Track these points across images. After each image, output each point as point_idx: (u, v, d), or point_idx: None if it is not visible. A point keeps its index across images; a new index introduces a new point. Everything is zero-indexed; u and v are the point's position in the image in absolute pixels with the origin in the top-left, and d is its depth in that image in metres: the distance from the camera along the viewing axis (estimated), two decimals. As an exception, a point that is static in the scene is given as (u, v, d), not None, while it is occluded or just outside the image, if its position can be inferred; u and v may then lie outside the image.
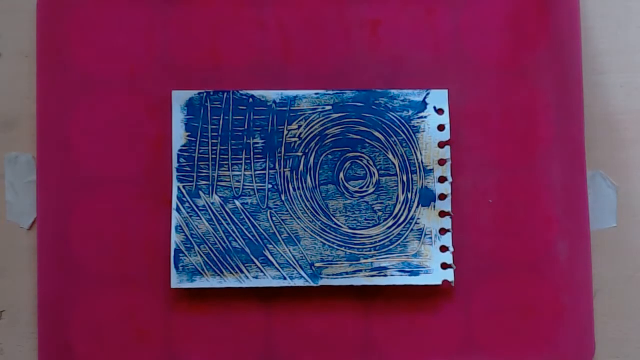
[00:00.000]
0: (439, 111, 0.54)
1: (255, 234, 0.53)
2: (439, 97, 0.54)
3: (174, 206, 0.53)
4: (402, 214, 0.53)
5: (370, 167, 0.54)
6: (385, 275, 0.53)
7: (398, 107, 0.54)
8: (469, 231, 0.54)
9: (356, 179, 0.54)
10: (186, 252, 0.53)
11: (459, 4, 0.55)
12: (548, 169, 0.54)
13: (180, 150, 0.53)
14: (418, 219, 0.53)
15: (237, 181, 0.53)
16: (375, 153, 0.54)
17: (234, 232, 0.53)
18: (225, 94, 0.54)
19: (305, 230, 0.53)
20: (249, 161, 0.54)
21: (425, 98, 0.54)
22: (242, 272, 0.53)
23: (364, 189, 0.54)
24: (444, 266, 0.53)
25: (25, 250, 0.55)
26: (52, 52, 0.54)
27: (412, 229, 0.53)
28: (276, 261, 0.53)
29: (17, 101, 0.55)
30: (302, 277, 0.53)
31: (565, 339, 0.54)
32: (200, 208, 0.53)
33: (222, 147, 0.53)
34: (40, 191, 0.54)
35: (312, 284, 0.53)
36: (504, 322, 0.54)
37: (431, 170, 0.53)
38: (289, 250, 0.53)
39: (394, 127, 0.54)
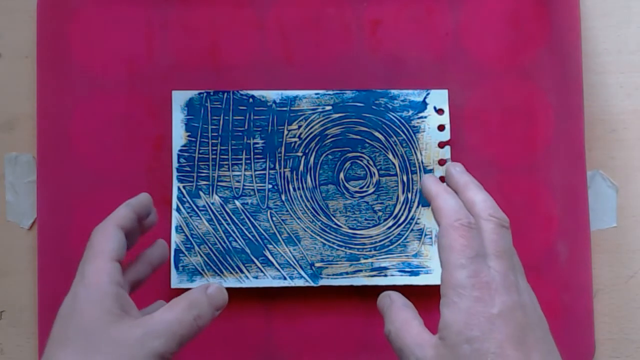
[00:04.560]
0: (439, 111, 0.54)
1: (255, 234, 0.53)
2: (439, 97, 0.54)
3: (174, 206, 0.53)
4: (402, 214, 0.53)
5: (370, 167, 0.54)
6: (385, 275, 0.53)
7: (398, 107, 0.54)
8: (469, 231, 0.54)
9: (356, 179, 0.54)
10: (186, 252, 0.53)
11: (458, 4, 0.55)
12: (548, 169, 0.54)
13: (180, 150, 0.53)
14: (418, 219, 0.53)
15: (237, 181, 0.53)
16: (375, 153, 0.54)
17: (234, 232, 0.53)
18: (225, 94, 0.54)
19: (305, 230, 0.53)
20: (249, 161, 0.54)
21: (425, 98, 0.54)
22: (242, 272, 0.53)
23: (364, 189, 0.54)
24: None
25: (25, 250, 0.55)
26: (52, 52, 0.54)
27: (412, 229, 0.53)
28: (276, 261, 0.53)
29: (17, 101, 0.55)
30: (302, 277, 0.53)
31: (565, 339, 0.54)
32: (200, 208, 0.53)
33: (222, 147, 0.53)
34: (40, 191, 0.54)
35: (312, 284, 0.53)
36: (504, 322, 0.53)
37: (431, 170, 0.53)
38: (289, 250, 0.53)
39: (394, 127, 0.54)
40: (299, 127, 0.54)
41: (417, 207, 0.53)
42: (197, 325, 0.38)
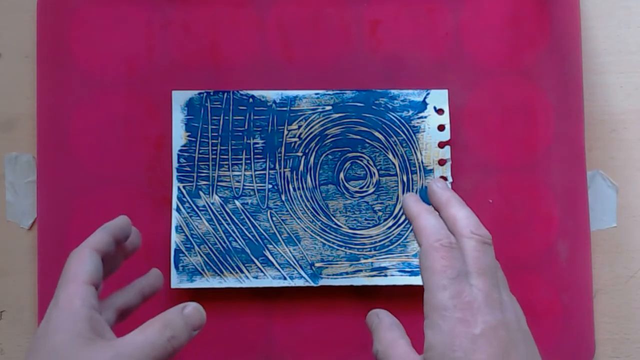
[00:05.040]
0: (439, 111, 0.54)
1: (255, 234, 0.53)
2: (439, 97, 0.54)
3: (174, 206, 0.53)
4: (402, 214, 0.53)
5: (370, 167, 0.54)
6: (385, 275, 0.53)
7: (398, 107, 0.54)
8: (469, 231, 0.54)
9: (356, 179, 0.54)
10: (186, 252, 0.53)
11: (459, 4, 0.55)
12: (548, 169, 0.54)
13: (180, 150, 0.53)
14: (418, 219, 0.53)
15: (237, 181, 0.53)
16: (375, 153, 0.54)
17: (234, 232, 0.53)
18: (225, 94, 0.54)
19: (305, 230, 0.53)
20: (249, 161, 0.54)
21: (425, 98, 0.54)
22: (242, 272, 0.53)
23: (364, 189, 0.54)
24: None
25: (25, 250, 0.55)
26: (52, 52, 0.54)
27: (412, 229, 0.53)
28: (276, 261, 0.53)
29: (17, 101, 0.55)
30: (302, 277, 0.53)
31: (565, 339, 0.54)
32: (200, 208, 0.53)
33: (222, 147, 0.53)
34: (40, 191, 0.54)
35: (312, 284, 0.53)
36: (504, 322, 0.53)
37: (431, 170, 0.53)
38: (289, 250, 0.53)
39: (394, 127, 0.54)
40: (299, 127, 0.54)
41: (417, 207, 0.53)
42: (172, 347, 0.37)
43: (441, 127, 0.54)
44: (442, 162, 0.54)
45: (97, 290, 0.39)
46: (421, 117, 0.54)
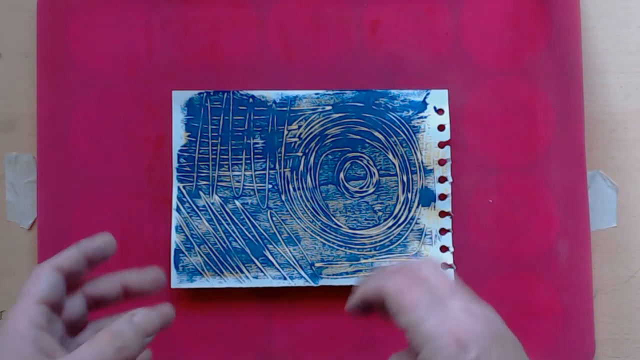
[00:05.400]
0: (439, 111, 0.54)
1: (255, 234, 0.53)
2: (439, 97, 0.54)
3: (174, 206, 0.53)
4: (402, 214, 0.53)
5: (370, 167, 0.54)
6: (385, 275, 0.53)
7: (398, 107, 0.54)
8: (469, 231, 0.54)
9: (356, 179, 0.54)
10: (186, 252, 0.53)
11: (459, 4, 0.55)
12: (548, 169, 0.54)
13: (180, 150, 0.53)
14: (418, 219, 0.53)
15: (237, 181, 0.53)
16: (375, 153, 0.54)
17: (234, 232, 0.53)
18: (225, 94, 0.54)
19: (305, 230, 0.53)
20: (249, 161, 0.54)
21: (425, 98, 0.54)
22: (242, 272, 0.53)
23: (364, 189, 0.54)
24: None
25: (25, 250, 0.55)
26: (52, 52, 0.54)
27: (412, 229, 0.53)
28: (276, 261, 0.53)
29: (17, 101, 0.55)
30: (302, 277, 0.53)
31: (565, 339, 0.54)
32: (200, 208, 0.53)
33: (222, 147, 0.53)
34: (40, 191, 0.54)
35: (312, 284, 0.53)
36: (504, 322, 0.53)
37: (431, 170, 0.53)
38: (289, 250, 0.53)
39: (394, 127, 0.54)
40: (299, 127, 0.54)
41: (417, 207, 0.53)
42: (123, 357, 0.35)
43: (441, 127, 0.54)
44: (442, 162, 0.54)
45: (54, 307, 0.38)
46: (421, 117, 0.54)
